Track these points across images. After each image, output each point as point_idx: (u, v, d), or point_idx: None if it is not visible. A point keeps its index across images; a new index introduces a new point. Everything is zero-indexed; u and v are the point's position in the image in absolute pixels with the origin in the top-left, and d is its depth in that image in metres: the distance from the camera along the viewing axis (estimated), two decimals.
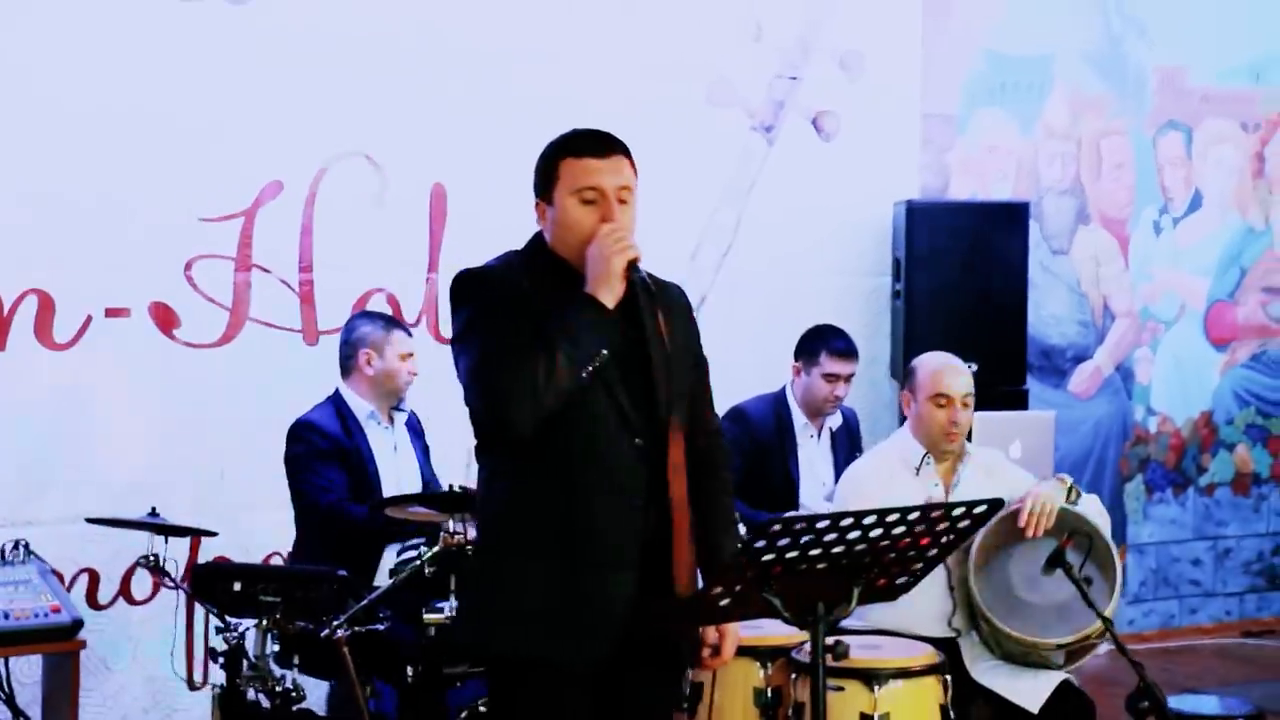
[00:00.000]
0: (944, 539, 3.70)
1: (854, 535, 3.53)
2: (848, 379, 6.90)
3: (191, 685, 6.62)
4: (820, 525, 3.46)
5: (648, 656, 3.98)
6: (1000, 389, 7.62)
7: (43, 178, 6.44)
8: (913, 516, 3.58)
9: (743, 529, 4.39)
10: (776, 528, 3.44)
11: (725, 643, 4.10)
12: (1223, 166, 9.40)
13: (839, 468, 7.01)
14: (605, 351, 3.81)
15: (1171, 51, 9.21)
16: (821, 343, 6.88)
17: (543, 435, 3.82)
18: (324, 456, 5.96)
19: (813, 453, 7.01)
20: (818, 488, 6.95)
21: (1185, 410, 9.37)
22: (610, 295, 3.83)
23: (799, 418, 6.97)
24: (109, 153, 6.54)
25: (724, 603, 3.63)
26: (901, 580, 3.81)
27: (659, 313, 3.97)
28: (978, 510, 3.66)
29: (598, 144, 3.97)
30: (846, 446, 7.12)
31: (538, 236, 4.05)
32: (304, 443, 5.99)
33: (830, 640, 3.72)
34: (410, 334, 6.28)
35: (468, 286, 3.96)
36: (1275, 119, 9.55)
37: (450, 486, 5.41)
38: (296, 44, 6.91)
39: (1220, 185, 9.40)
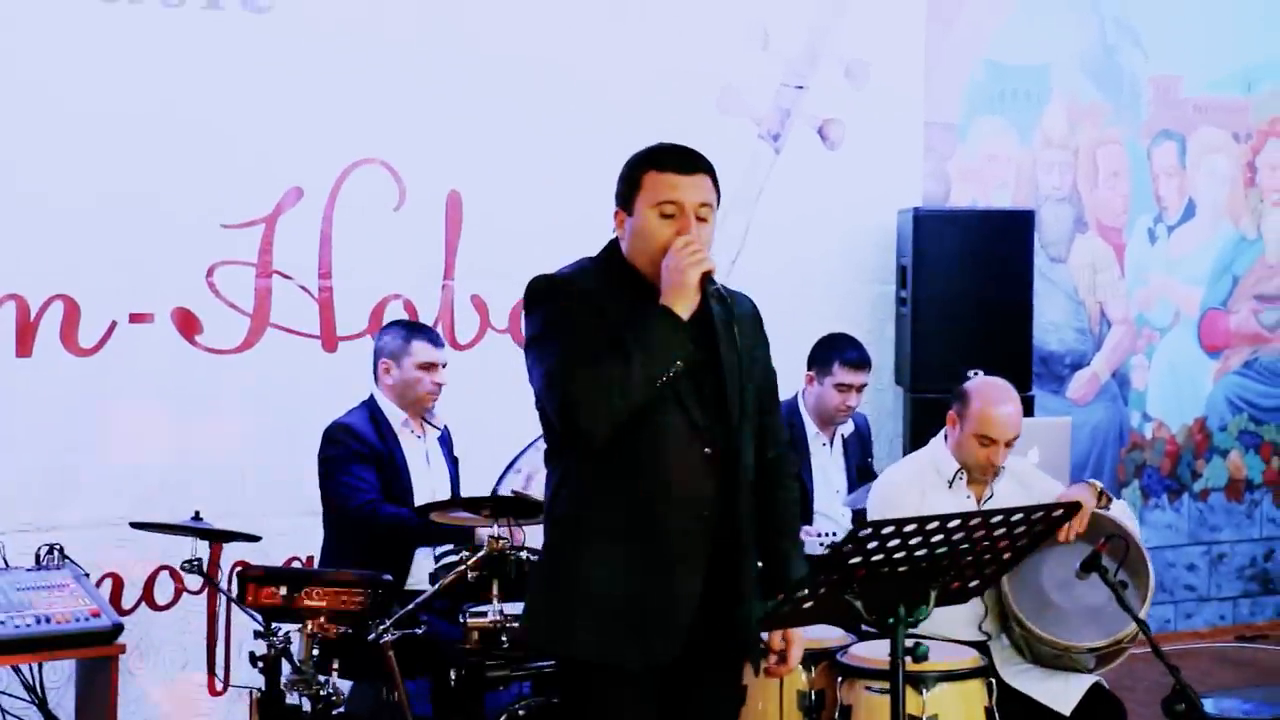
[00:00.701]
0: (1020, 543, 3.76)
1: (937, 539, 3.59)
2: (860, 389, 6.95)
3: (214, 690, 6.70)
4: (907, 529, 3.52)
5: (714, 660, 4.03)
6: None
7: (67, 186, 6.46)
8: (995, 520, 3.65)
9: None
10: (866, 531, 3.50)
11: (792, 649, 4.15)
12: (1215, 176, 9.50)
13: (851, 474, 7.08)
14: (680, 363, 3.85)
15: (1165, 61, 9.31)
16: (835, 352, 6.92)
17: (614, 442, 3.86)
18: (359, 459, 5.98)
19: (825, 461, 7.06)
20: (831, 495, 7.00)
21: (1180, 416, 9.46)
22: (685, 307, 3.87)
23: (810, 426, 7.02)
24: (132, 161, 6.56)
25: (807, 605, 3.69)
26: (974, 583, 3.87)
27: (732, 323, 4.02)
28: (1055, 514, 3.74)
29: (683, 160, 4.00)
30: (859, 453, 7.18)
31: (613, 244, 4.08)
32: (339, 445, 6.02)
33: (910, 642, 3.77)
34: (438, 344, 6.26)
35: (542, 292, 3.99)
36: (1266, 129, 9.64)
37: (494, 491, 5.46)
38: (315, 53, 6.95)
39: (1213, 194, 9.50)
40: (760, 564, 4.13)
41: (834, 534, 6.56)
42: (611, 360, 3.79)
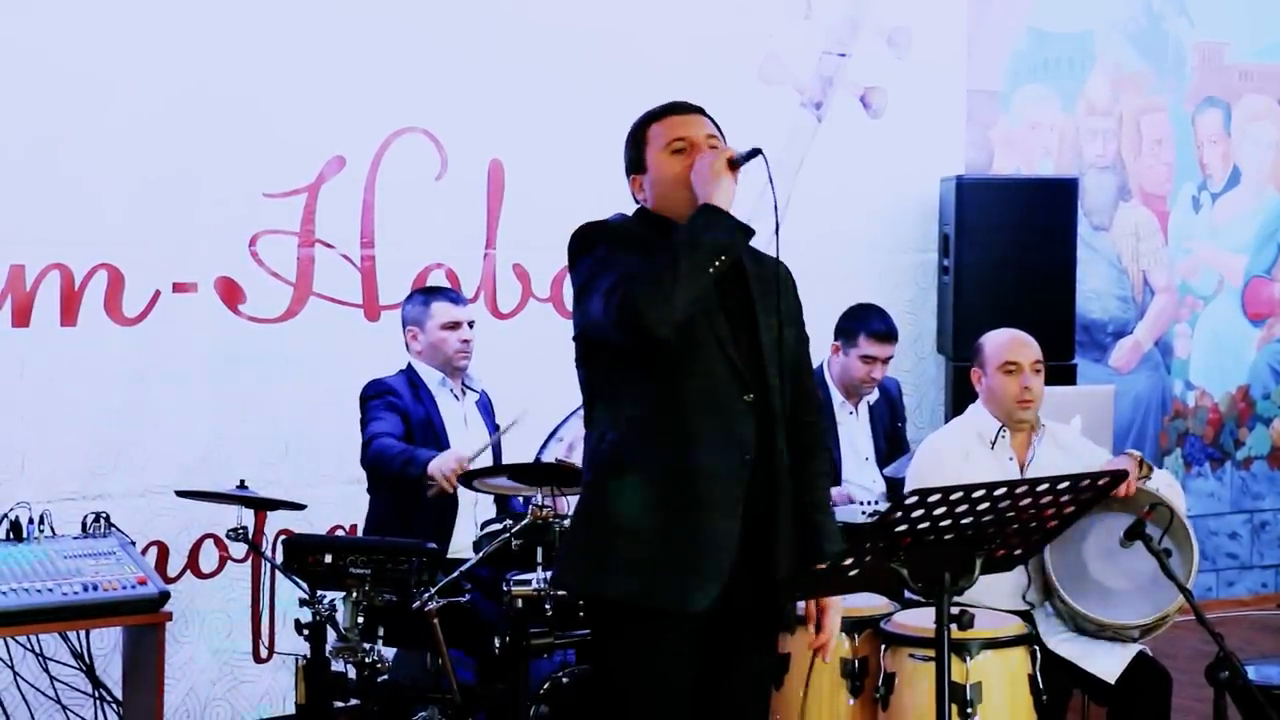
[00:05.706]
0: (1066, 510, 3.75)
1: (983, 506, 3.58)
2: (885, 361, 6.90)
3: (258, 658, 6.74)
4: (954, 497, 3.51)
5: (752, 622, 4.03)
6: (1049, 364, 7.67)
7: (110, 155, 6.47)
8: (1041, 488, 3.64)
9: None
10: (913, 499, 3.49)
11: (827, 617, 4.13)
12: (1261, 143, 9.46)
13: (879, 440, 7.03)
14: (732, 245, 3.84)
15: (1210, 28, 9.26)
16: (860, 324, 6.87)
17: (657, 384, 3.88)
18: (390, 406, 5.99)
19: (852, 428, 7.00)
20: (859, 462, 6.96)
21: (1223, 385, 9.44)
22: (722, 197, 3.86)
23: (835, 395, 6.97)
24: (175, 131, 6.57)
25: (853, 573, 3.69)
26: (1019, 552, 3.86)
27: (765, 274, 4.05)
28: (1101, 482, 3.72)
29: (678, 105, 4.12)
30: (887, 418, 7.11)
31: (640, 211, 4.12)
32: (374, 391, 6.04)
33: (955, 610, 3.76)
34: (460, 301, 6.24)
35: (589, 236, 4.02)
36: None
37: (536, 459, 5.46)
38: (358, 21, 6.96)
39: (1258, 161, 9.45)
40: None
41: (871, 502, 6.55)
42: (659, 259, 3.80)
